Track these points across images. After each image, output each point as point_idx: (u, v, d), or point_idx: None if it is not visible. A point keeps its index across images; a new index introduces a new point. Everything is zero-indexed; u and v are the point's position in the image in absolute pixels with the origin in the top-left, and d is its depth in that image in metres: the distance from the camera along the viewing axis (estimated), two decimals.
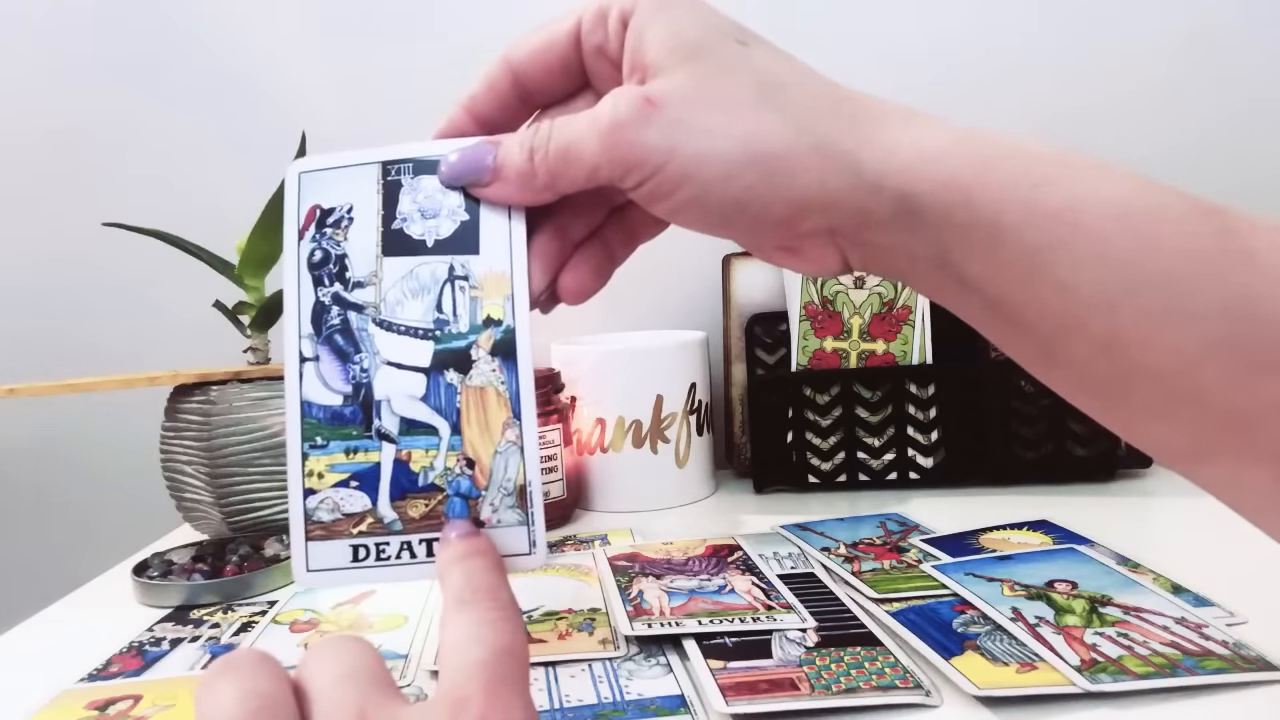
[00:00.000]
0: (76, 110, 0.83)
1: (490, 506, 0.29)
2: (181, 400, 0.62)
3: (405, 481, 0.29)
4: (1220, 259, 0.24)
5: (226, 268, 0.65)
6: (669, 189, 0.27)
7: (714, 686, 0.37)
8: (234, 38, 0.82)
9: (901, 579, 0.48)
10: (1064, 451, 0.66)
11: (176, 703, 0.39)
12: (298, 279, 0.30)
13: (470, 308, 0.30)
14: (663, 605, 0.45)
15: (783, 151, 0.26)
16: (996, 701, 0.35)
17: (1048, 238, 0.25)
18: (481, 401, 0.29)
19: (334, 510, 0.29)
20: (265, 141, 0.82)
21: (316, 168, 0.31)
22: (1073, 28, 0.76)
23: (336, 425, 0.29)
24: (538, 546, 0.29)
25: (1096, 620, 0.41)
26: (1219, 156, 0.75)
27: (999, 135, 0.26)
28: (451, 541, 0.28)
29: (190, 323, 0.75)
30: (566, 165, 0.28)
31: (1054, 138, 0.27)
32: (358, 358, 0.30)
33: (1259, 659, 0.36)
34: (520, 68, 0.31)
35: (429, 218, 0.31)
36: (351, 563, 0.29)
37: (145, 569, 0.56)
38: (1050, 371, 0.28)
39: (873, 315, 0.68)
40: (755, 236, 0.29)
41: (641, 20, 0.28)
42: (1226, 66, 0.76)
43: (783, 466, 0.69)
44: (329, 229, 0.31)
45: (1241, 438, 0.24)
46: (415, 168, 0.31)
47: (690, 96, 0.27)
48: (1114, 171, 0.25)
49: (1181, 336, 0.24)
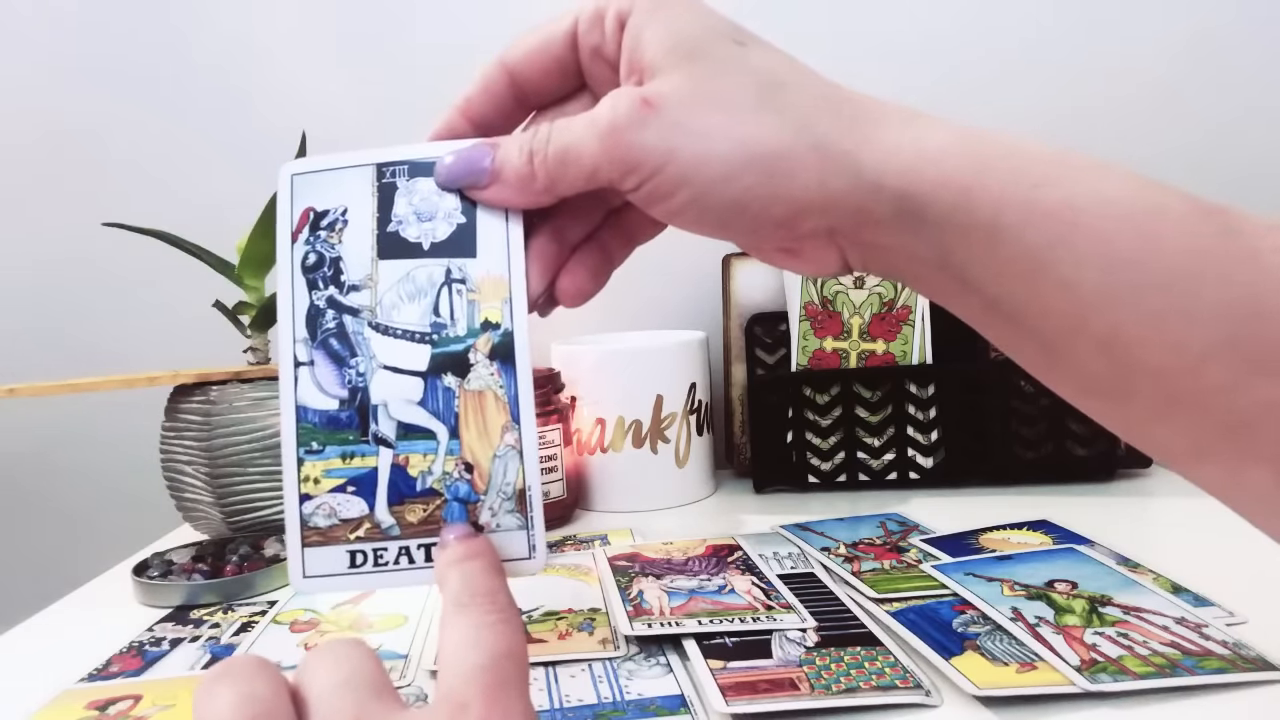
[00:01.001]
0: (77, 110, 0.84)
1: (489, 511, 0.29)
2: (181, 400, 0.62)
3: (403, 486, 0.29)
4: (1223, 259, 0.24)
5: (226, 268, 0.65)
6: (668, 191, 0.27)
7: (714, 686, 0.37)
8: (234, 38, 0.82)
9: (901, 579, 0.48)
10: (1064, 451, 0.66)
11: (176, 703, 0.39)
12: (291, 282, 0.30)
13: (468, 311, 0.30)
14: (663, 605, 0.45)
15: (782, 152, 0.26)
16: (996, 701, 0.35)
17: (1048, 237, 0.25)
18: (480, 405, 0.29)
19: (330, 516, 0.29)
20: (265, 141, 0.82)
21: (309, 169, 0.31)
22: (1073, 31, 0.76)
23: (332, 430, 0.29)
24: (537, 551, 0.29)
25: (1096, 620, 0.41)
26: (1220, 159, 0.75)
27: (999, 135, 0.26)
28: (450, 544, 0.28)
29: (190, 323, 0.75)
30: (565, 168, 0.28)
31: (1055, 140, 0.27)
32: (354, 362, 0.30)
33: (1259, 659, 0.36)
34: (516, 69, 0.31)
35: (425, 220, 0.30)
36: (349, 568, 0.29)
37: (145, 569, 0.56)
38: (1051, 372, 0.28)
39: (873, 315, 0.68)
40: (755, 238, 0.29)
41: (638, 21, 0.28)
42: (1227, 69, 0.76)
43: (783, 466, 0.69)
44: (323, 231, 0.30)
45: (1243, 438, 0.24)
46: (411, 170, 0.31)
47: (688, 98, 0.27)
48: (1114, 171, 0.25)
49: (1183, 336, 0.24)
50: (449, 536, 0.28)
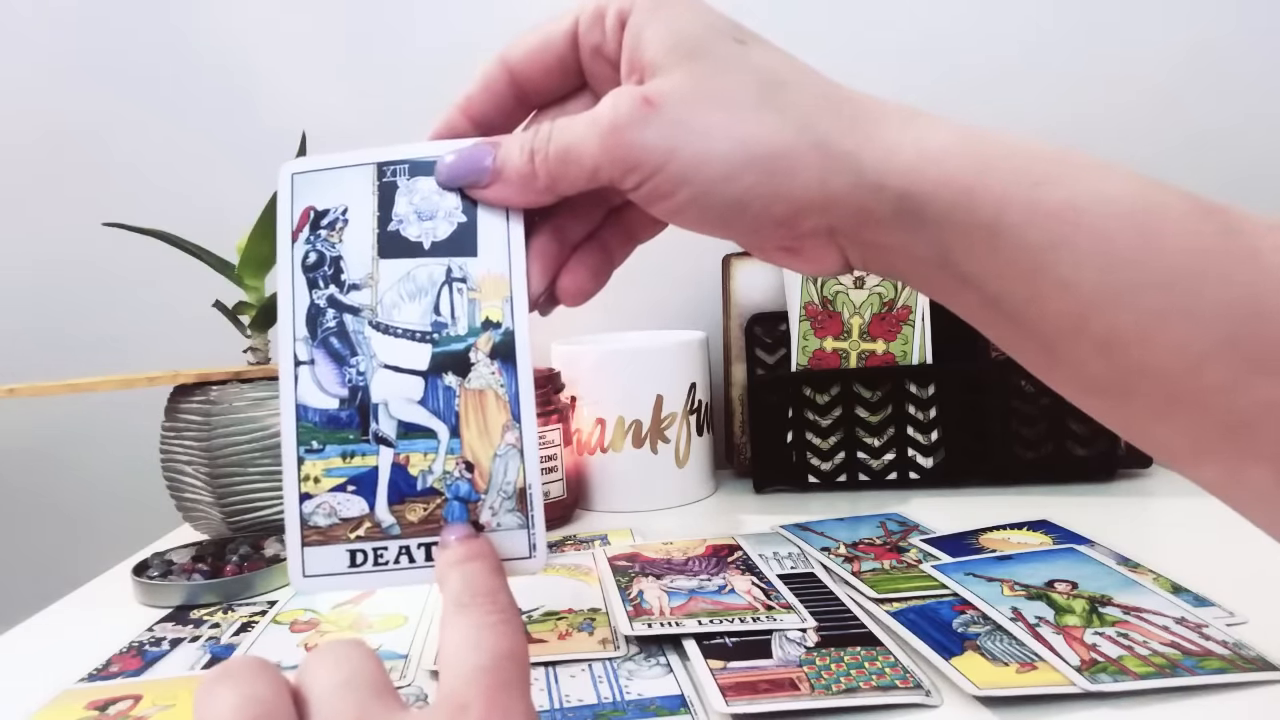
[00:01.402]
0: (77, 110, 0.83)
1: (490, 510, 0.29)
2: (181, 400, 0.62)
3: (403, 485, 0.29)
4: (1224, 258, 0.24)
5: (226, 268, 0.65)
6: (669, 190, 0.27)
7: (714, 686, 0.37)
8: (234, 38, 0.82)
9: (901, 579, 0.48)
10: (1064, 451, 0.66)
11: (176, 703, 0.39)
12: (291, 281, 0.30)
13: (469, 310, 0.30)
14: (663, 605, 0.45)
15: (783, 151, 0.26)
16: (996, 701, 0.35)
17: (1049, 236, 0.25)
18: (480, 404, 0.29)
19: (330, 515, 0.29)
20: (265, 141, 0.82)
21: (309, 169, 0.31)
22: (1073, 37, 0.76)
23: (333, 429, 0.29)
24: (538, 550, 0.29)
25: (1096, 620, 0.41)
26: (1218, 165, 0.75)
27: (1000, 134, 0.26)
28: (450, 545, 0.28)
29: (190, 323, 0.75)
30: (567, 167, 0.28)
31: (1054, 142, 0.27)
32: (354, 361, 0.30)
33: (1259, 659, 0.36)
34: (517, 68, 0.31)
35: (425, 219, 0.30)
36: (349, 568, 0.29)
37: (145, 569, 0.56)
38: (1051, 371, 0.28)
39: (873, 315, 0.68)
40: (755, 237, 0.29)
41: (639, 20, 0.28)
42: (1227, 77, 0.75)
43: (783, 466, 0.69)
44: (323, 230, 0.30)
45: (1243, 437, 0.24)
46: (411, 169, 0.31)
47: (689, 96, 0.27)
48: (1115, 170, 0.25)
49: (1184, 335, 0.24)
50: (450, 537, 0.28)
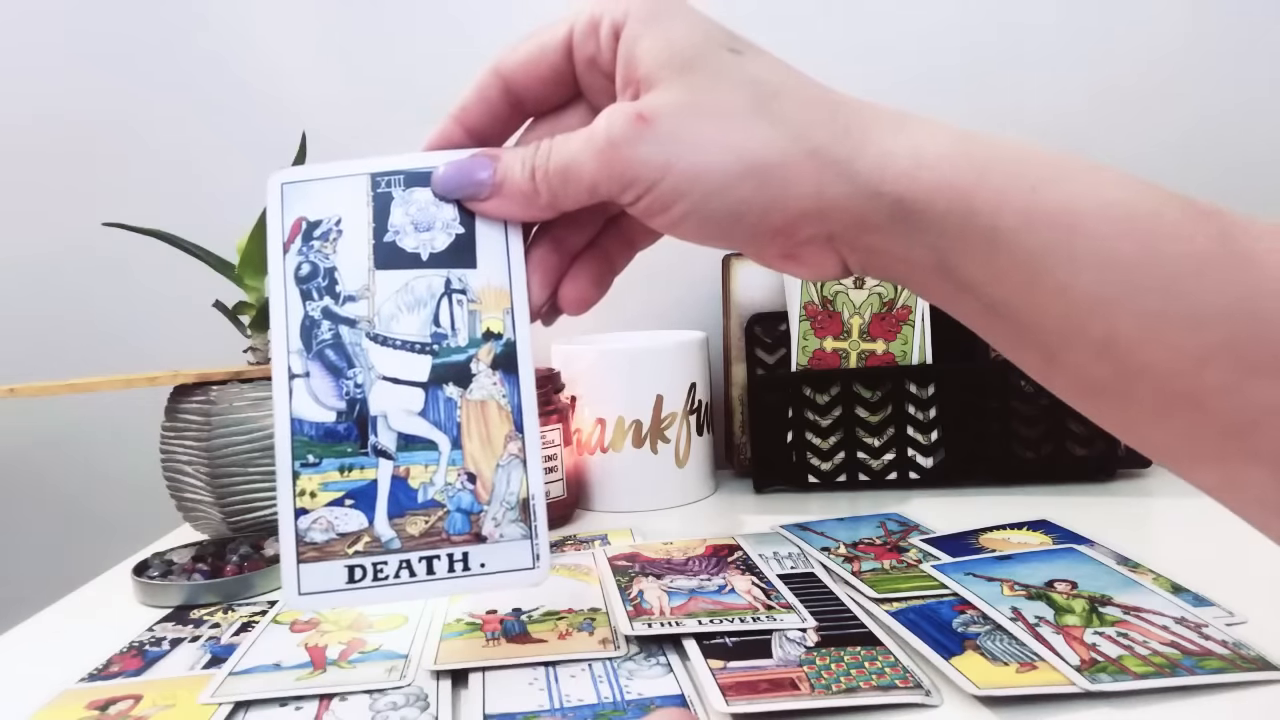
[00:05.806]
0: (77, 110, 0.83)
1: (493, 521, 0.29)
2: (181, 400, 0.62)
3: (404, 498, 0.29)
4: (1220, 261, 0.24)
5: (226, 268, 0.65)
6: (666, 203, 0.27)
7: (714, 686, 0.37)
8: (235, 37, 0.82)
9: (901, 579, 0.48)
10: (1064, 451, 0.66)
11: (176, 703, 0.39)
12: (284, 293, 0.30)
13: (469, 321, 0.30)
14: (663, 605, 0.45)
15: (778, 161, 0.26)
16: (996, 701, 0.35)
17: (1046, 240, 0.25)
18: (482, 415, 0.29)
19: (328, 530, 0.28)
20: (266, 142, 0.82)
21: (300, 179, 0.30)
22: (1065, 30, 0.76)
23: (330, 442, 0.29)
24: (541, 560, 0.29)
25: (1096, 620, 0.41)
26: (1211, 160, 0.75)
27: (995, 138, 0.26)
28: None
29: (190, 323, 0.75)
30: (566, 184, 0.28)
31: (1049, 142, 0.27)
32: (351, 373, 0.29)
33: (1259, 659, 0.36)
34: (511, 78, 0.31)
35: (423, 230, 0.30)
36: (346, 584, 0.28)
37: (145, 569, 0.56)
38: (1050, 374, 0.28)
39: (873, 315, 0.68)
40: (754, 245, 0.29)
41: (633, 32, 0.28)
42: (1219, 71, 0.75)
43: (783, 466, 0.69)
44: (316, 241, 0.30)
45: (1241, 440, 0.24)
46: (407, 179, 0.30)
47: (684, 109, 0.27)
48: (1111, 174, 0.25)
49: (1181, 338, 0.24)
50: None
